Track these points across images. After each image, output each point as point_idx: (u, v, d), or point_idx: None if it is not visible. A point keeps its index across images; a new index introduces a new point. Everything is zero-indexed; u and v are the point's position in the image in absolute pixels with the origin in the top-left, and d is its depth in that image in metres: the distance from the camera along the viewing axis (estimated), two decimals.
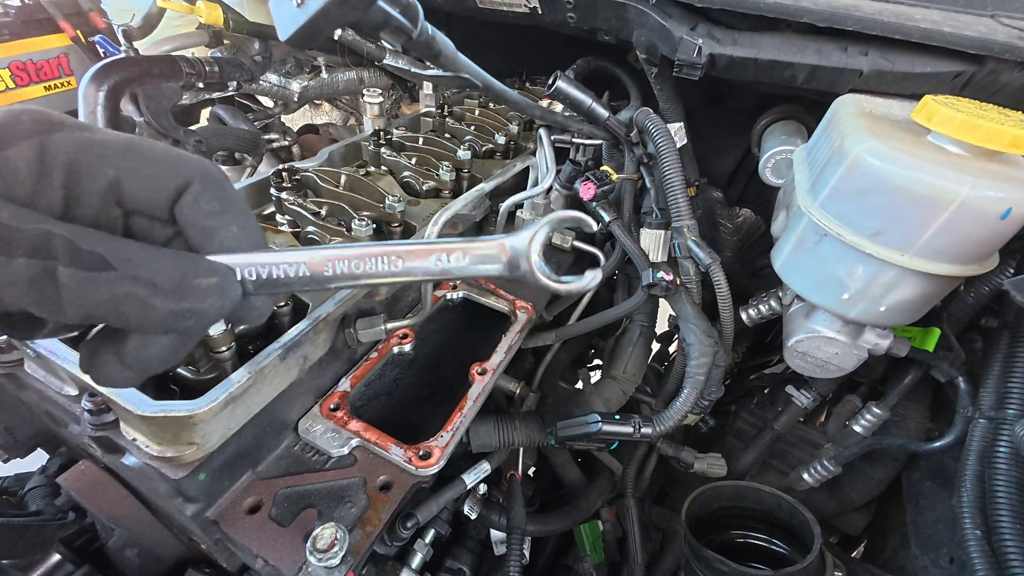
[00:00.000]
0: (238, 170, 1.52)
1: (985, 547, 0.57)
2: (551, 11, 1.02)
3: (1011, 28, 0.69)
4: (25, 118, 0.26)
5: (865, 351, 0.72)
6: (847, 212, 0.61)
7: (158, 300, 0.26)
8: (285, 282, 0.32)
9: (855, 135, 0.61)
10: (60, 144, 0.26)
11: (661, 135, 0.80)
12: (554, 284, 0.34)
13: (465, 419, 0.74)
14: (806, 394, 0.99)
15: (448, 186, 0.99)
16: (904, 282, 0.60)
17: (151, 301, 0.25)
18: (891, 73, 0.71)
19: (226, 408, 0.53)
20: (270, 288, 0.32)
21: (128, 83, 1.04)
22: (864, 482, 0.94)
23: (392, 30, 0.37)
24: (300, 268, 0.32)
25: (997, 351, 0.67)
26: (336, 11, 0.32)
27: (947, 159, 0.55)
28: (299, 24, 0.32)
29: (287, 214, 0.81)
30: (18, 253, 0.24)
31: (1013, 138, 0.51)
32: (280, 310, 0.66)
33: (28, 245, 0.24)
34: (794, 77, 0.78)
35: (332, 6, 0.31)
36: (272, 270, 0.31)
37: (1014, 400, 0.63)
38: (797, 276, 0.71)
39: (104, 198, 0.27)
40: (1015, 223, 0.53)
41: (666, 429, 0.76)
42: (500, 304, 0.95)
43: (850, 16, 0.69)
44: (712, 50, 0.78)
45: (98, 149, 0.27)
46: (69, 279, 0.24)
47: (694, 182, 1.19)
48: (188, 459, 0.52)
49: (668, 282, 0.76)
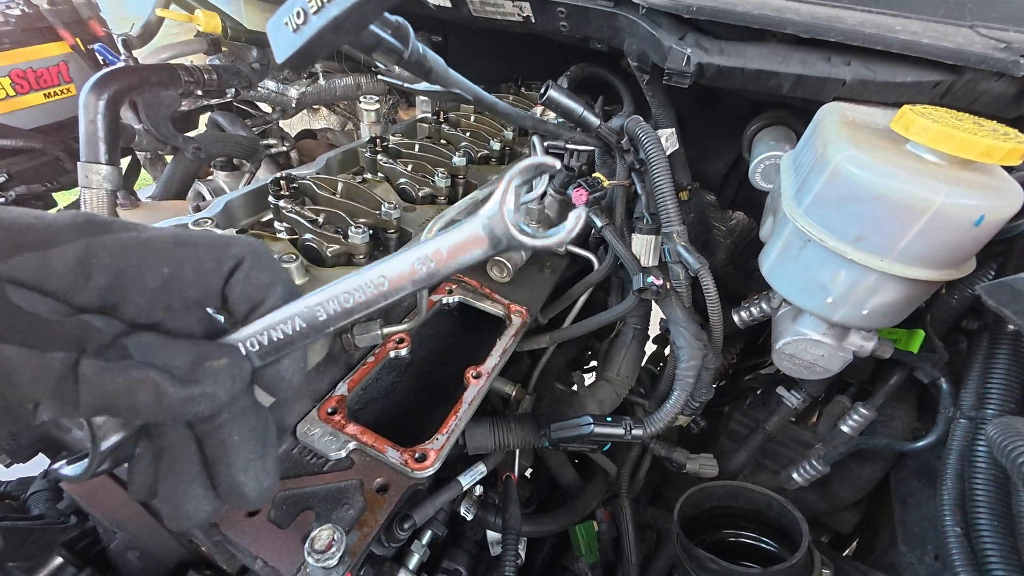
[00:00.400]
0: (237, 176, 1.54)
1: (965, 544, 0.58)
2: (544, 20, 1.04)
3: (988, 39, 0.71)
4: (76, 220, 0.27)
5: (850, 353, 0.74)
6: (829, 218, 0.63)
7: (171, 386, 0.26)
8: (288, 340, 0.32)
9: (836, 144, 0.63)
10: (106, 245, 0.27)
11: (651, 142, 0.82)
12: (540, 241, 0.33)
13: (460, 422, 0.75)
14: (796, 395, 1.00)
15: (444, 192, 1.01)
16: (884, 286, 0.62)
17: (164, 387, 0.26)
18: (873, 82, 0.73)
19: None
20: (275, 352, 0.32)
21: (128, 92, 1.06)
22: (853, 481, 0.96)
23: (384, 51, 0.38)
24: (295, 322, 0.32)
25: (977, 352, 0.69)
26: (330, 36, 0.33)
27: (924, 168, 0.57)
28: (295, 48, 0.34)
29: (285, 221, 0.82)
30: (54, 347, 0.24)
31: (985, 148, 0.52)
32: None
33: (64, 339, 0.25)
34: (780, 86, 0.79)
35: (326, 32, 0.33)
36: (270, 334, 0.31)
37: (993, 400, 0.64)
38: (783, 280, 0.73)
39: (155, 295, 0.28)
40: (989, 229, 0.55)
41: (657, 431, 0.78)
42: (495, 308, 0.96)
43: (832, 27, 0.71)
44: (700, 59, 0.80)
45: (146, 249, 0.28)
46: (90, 370, 0.25)
47: (687, 186, 1.21)
48: None
49: (658, 286, 0.78)
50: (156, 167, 1.67)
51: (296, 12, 0.33)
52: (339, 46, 0.35)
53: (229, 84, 1.32)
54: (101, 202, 1.06)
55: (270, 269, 0.31)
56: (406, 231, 0.89)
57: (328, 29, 0.33)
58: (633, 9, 0.86)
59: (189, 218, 0.78)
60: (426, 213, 0.96)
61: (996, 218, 0.54)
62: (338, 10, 0.32)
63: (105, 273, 0.26)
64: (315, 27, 0.33)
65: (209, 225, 0.76)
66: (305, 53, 0.34)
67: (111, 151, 1.05)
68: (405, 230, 0.89)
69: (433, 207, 0.99)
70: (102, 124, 1.03)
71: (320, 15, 0.33)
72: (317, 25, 0.33)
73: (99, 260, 0.26)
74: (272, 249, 0.75)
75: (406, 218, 0.92)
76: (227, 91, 1.35)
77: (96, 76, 1.03)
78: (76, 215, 0.27)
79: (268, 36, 0.36)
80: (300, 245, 0.80)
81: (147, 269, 0.27)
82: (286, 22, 0.34)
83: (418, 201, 1.00)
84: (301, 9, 0.33)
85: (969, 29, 0.76)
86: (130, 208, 1.08)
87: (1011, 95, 0.72)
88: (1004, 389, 0.64)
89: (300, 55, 0.34)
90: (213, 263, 0.29)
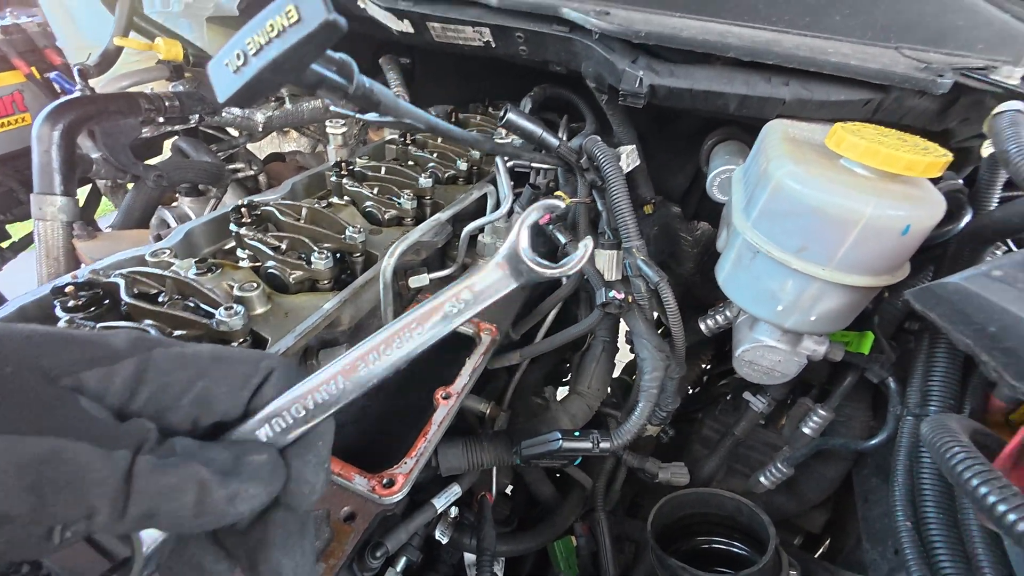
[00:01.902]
0: (202, 201, 1.51)
1: (915, 537, 0.61)
2: (504, 45, 1.07)
3: (911, 59, 0.77)
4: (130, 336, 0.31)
5: (804, 357, 0.77)
6: (774, 231, 0.66)
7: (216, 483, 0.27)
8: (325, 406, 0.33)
9: (777, 160, 0.66)
10: (155, 361, 0.30)
11: (607, 161, 0.84)
12: (557, 271, 0.37)
13: (430, 444, 0.75)
14: (761, 399, 1.03)
15: (410, 214, 1.01)
16: (828, 294, 0.65)
17: (210, 485, 0.27)
18: (810, 101, 0.78)
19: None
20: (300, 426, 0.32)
21: (84, 122, 1.04)
22: (819, 481, 0.99)
23: (328, 88, 0.39)
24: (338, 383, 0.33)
25: (919, 352, 0.73)
26: (270, 76, 0.34)
27: (856, 181, 0.61)
28: (235, 89, 0.35)
29: (247, 249, 0.82)
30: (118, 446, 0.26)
31: (907, 162, 0.56)
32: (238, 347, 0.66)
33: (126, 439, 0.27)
34: (727, 105, 0.84)
35: (265, 73, 0.34)
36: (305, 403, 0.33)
37: (935, 398, 0.68)
38: (737, 290, 0.76)
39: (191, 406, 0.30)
40: (916, 237, 0.59)
41: (624, 442, 0.79)
42: (465, 327, 0.97)
43: (770, 51, 0.75)
44: (652, 81, 0.83)
45: (187, 363, 0.31)
46: (144, 466, 0.26)
47: (650, 200, 1.25)
48: None
49: (620, 300, 0.80)
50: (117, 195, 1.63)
51: (236, 54, 0.34)
52: (281, 86, 0.36)
53: (192, 110, 1.31)
54: (56, 234, 1.03)
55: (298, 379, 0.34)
56: (372, 254, 0.89)
57: (267, 70, 0.34)
58: (587, 34, 0.90)
59: (148, 248, 0.76)
60: (393, 235, 0.96)
61: (921, 227, 0.58)
62: (276, 52, 0.33)
63: (153, 385, 0.30)
64: (255, 68, 0.34)
65: (168, 256, 0.75)
66: (246, 93, 0.35)
67: (66, 182, 1.03)
68: (371, 253, 0.89)
69: (400, 229, 1.00)
70: (57, 155, 1.01)
71: (259, 57, 0.34)
72: (256, 67, 0.34)
73: (149, 375, 0.30)
74: (233, 278, 0.74)
75: (372, 241, 0.92)
76: (190, 117, 1.34)
77: (50, 107, 1.01)
78: (130, 334, 0.31)
79: (209, 76, 0.36)
80: (263, 273, 0.79)
81: (188, 382, 0.30)
82: (227, 63, 0.35)
83: (384, 224, 1.00)
84: (241, 51, 0.34)
85: (894, 51, 0.82)
86: (87, 239, 1.05)
87: (935, 110, 0.78)
88: (944, 386, 0.68)
89: (240, 95, 0.35)
90: (243, 378, 0.32)
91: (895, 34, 0.84)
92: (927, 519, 0.60)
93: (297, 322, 0.71)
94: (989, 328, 0.44)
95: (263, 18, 0.34)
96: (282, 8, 0.33)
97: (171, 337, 0.60)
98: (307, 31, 0.32)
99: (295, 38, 0.32)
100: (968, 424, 0.49)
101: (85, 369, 0.28)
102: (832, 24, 0.85)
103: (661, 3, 0.95)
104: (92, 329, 0.57)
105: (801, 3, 0.84)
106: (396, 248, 0.75)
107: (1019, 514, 0.37)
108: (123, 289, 0.63)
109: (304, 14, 0.32)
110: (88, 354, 0.29)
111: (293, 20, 0.32)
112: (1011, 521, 0.37)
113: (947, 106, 0.76)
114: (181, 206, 1.53)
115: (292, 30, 0.32)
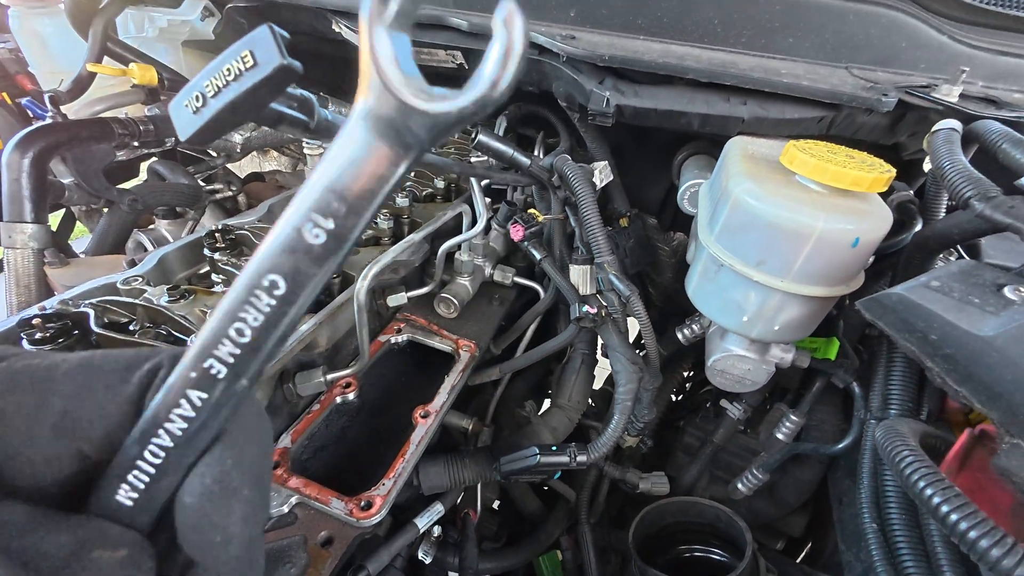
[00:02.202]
0: (179, 224, 1.50)
1: (881, 538, 0.63)
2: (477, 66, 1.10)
3: (859, 79, 0.81)
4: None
5: (773, 365, 0.79)
6: (736, 244, 0.69)
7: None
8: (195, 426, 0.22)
9: (736, 177, 0.69)
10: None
11: (577, 180, 0.87)
12: (456, 102, 0.20)
13: (408, 464, 0.75)
14: (738, 406, 1.06)
15: (387, 233, 1.02)
16: (789, 304, 0.67)
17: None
18: (767, 119, 0.81)
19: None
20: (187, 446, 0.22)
21: (55, 148, 1.03)
22: (796, 485, 1.01)
23: (289, 124, 0.41)
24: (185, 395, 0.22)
25: (880, 357, 0.76)
26: (228, 117, 0.36)
27: (808, 197, 0.64)
28: (195, 128, 0.36)
29: (222, 274, 0.82)
30: None
31: (854, 178, 0.60)
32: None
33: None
34: (690, 123, 0.87)
35: (224, 114, 0.35)
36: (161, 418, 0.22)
37: (894, 401, 0.71)
38: (705, 302, 0.78)
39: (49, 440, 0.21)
40: (866, 249, 0.62)
41: (601, 455, 0.80)
42: (444, 344, 0.98)
43: (727, 72, 0.79)
44: (618, 101, 0.86)
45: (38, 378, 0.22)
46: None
47: (626, 213, 1.28)
48: None
49: (593, 314, 0.81)
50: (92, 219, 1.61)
51: (195, 95, 0.35)
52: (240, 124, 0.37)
53: (168, 133, 1.31)
54: (27, 262, 1.02)
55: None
56: (349, 274, 0.89)
57: (225, 111, 0.35)
58: (555, 57, 0.93)
59: (119, 276, 0.76)
60: (370, 255, 0.97)
61: (870, 239, 0.61)
62: (234, 95, 0.34)
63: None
64: (213, 109, 0.35)
65: (140, 283, 0.74)
66: (206, 132, 0.36)
67: (37, 209, 1.02)
68: (348, 273, 0.90)
69: (377, 248, 1.01)
70: (27, 182, 1.00)
71: (217, 99, 0.35)
72: (215, 108, 0.35)
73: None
74: (207, 304, 0.74)
75: (350, 261, 0.93)
76: (166, 140, 1.34)
77: (20, 134, 1.01)
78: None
79: (171, 115, 0.37)
80: None
81: (36, 405, 0.21)
82: (186, 104, 0.36)
83: (361, 243, 1.01)
84: (200, 93, 0.35)
85: (844, 70, 0.86)
86: (59, 266, 1.04)
87: (885, 125, 0.82)
88: (902, 390, 0.70)
89: (200, 134, 0.36)
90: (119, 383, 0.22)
91: (844, 55, 0.89)
92: (891, 520, 0.62)
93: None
94: (930, 336, 0.46)
95: (220, 62, 0.35)
96: (238, 52, 0.34)
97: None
98: (263, 75, 0.33)
99: (251, 81, 0.34)
100: (919, 428, 0.51)
101: None
102: (785, 46, 0.89)
103: (624, 26, 0.99)
104: None
105: (756, 26, 0.88)
106: (369, 270, 0.75)
107: (960, 514, 0.39)
108: (92, 319, 0.63)
109: (260, 59, 0.33)
110: None
111: (249, 65, 0.33)
112: (953, 521, 0.39)
113: (895, 121, 0.81)
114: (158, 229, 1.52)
115: (248, 74, 0.34)
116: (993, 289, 0.47)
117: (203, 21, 1.31)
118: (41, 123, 1.05)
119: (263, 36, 0.34)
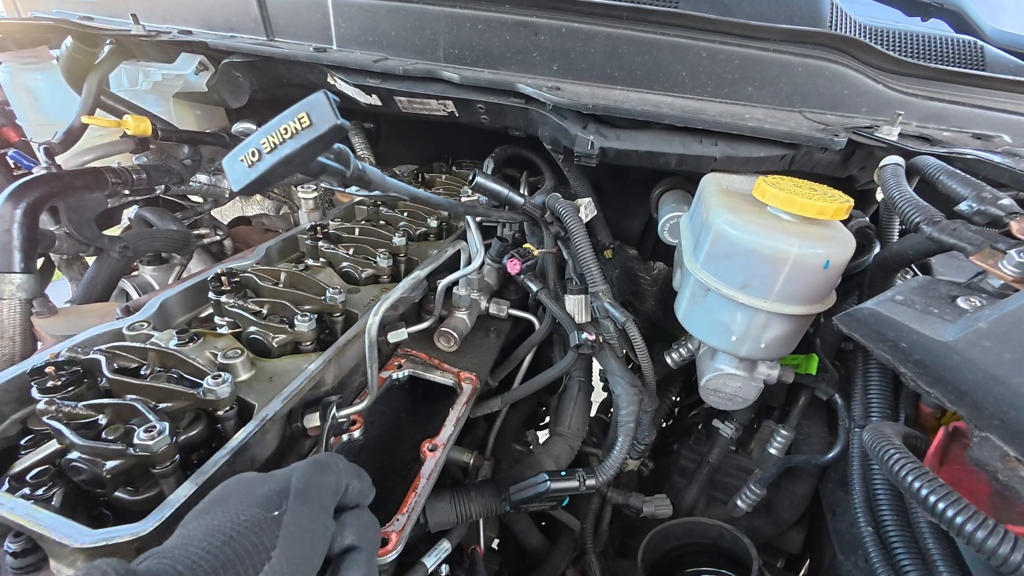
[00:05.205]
0: (166, 269, 1.49)
1: (877, 541, 0.67)
2: (467, 114, 1.18)
3: (812, 121, 0.92)
4: (106, 568, 0.30)
5: (761, 381, 0.85)
6: (720, 270, 0.75)
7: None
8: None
9: (715, 210, 0.76)
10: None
11: (569, 216, 0.93)
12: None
13: (420, 498, 0.75)
14: (729, 425, 1.10)
15: (386, 271, 1.05)
16: (773, 322, 0.73)
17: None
18: (737, 158, 0.90)
19: (173, 527, 0.52)
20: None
21: (48, 199, 1.04)
22: (791, 500, 1.04)
23: (329, 174, 0.45)
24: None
25: (857, 370, 0.82)
26: (281, 169, 0.40)
27: (782, 226, 0.71)
28: (249, 180, 0.40)
29: (227, 316, 0.83)
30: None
31: (819, 208, 0.67)
32: (225, 414, 0.66)
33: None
34: (668, 163, 0.95)
35: (278, 167, 0.39)
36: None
37: (875, 409, 0.76)
38: (695, 324, 0.84)
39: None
40: (836, 270, 0.69)
41: (608, 477, 0.82)
42: (445, 378, 0.99)
43: (697, 118, 0.88)
44: (602, 144, 0.94)
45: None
46: None
47: (609, 245, 1.35)
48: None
49: (592, 341, 0.86)
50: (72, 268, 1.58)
51: (251, 151, 0.39)
52: (288, 175, 0.41)
53: (159, 182, 1.32)
54: (14, 312, 1.00)
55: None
56: (352, 313, 0.91)
57: (280, 164, 0.39)
58: (541, 106, 1.01)
59: (124, 322, 0.76)
60: (371, 293, 1.00)
61: (838, 261, 0.68)
62: (289, 151, 0.38)
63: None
64: (268, 163, 0.39)
65: (146, 328, 0.75)
66: (258, 184, 0.40)
67: (27, 259, 1.01)
68: (351, 312, 0.92)
69: (377, 286, 1.03)
70: (18, 232, 1.00)
71: (273, 154, 0.39)
72: (270, 162, 0.39)
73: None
74: (215, 346, 0.74)
75: (351, 300, 0.95)
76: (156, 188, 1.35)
77: (13, 185, 1.01)
78: (109, 562, 0.30)
79: (224, 169, 0.41)
80: (244, 339, 0.80)
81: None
82: (241, 159, 0.40)
83: (362, 282, 1.03)
84: (256, 149, 0.39)
85: (799, 114, 0.97)
86: (47, 316, 1.02)
87: (838, 161, 0.92)
88: (881, 398, 0.76)
89: (253, 186, 0.40)
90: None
91: (797, 100, 1.01)
92: (885, 524, 0.66)
93: (283, 386, 0.72)
94: (901, 344, 0.52)
95: (276, 123, 0.39)
96: (295, 114, 0.38)
97: (157, 410, 0.60)
98: (317, 133, 0.38)
99: (307, 139, 0.38)
100: (901, 429, 0.56)
101: None
102: (746, 93, 1.01)
103: (603, 78, 1.09)
104: (74, 408, 0.56)
105: (718, 78, 1.00)
106: (380, 307, 0.78)
107: (946, 502, 0.43)
108: (104, 365, 0.63)
109: (315, 119, 0.38)
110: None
111: (305, 124, 0.38)
112: (941, 509, 0.43)
113: (847, 157, 0.91)
114: (142, 275, 1.50)
115: (304, 133, 0.38)
116: (948, 300, 0.53)
117: (197, 75, 1.35)
118: (36, 173, 1.05)
119: (319, 100, 0.39)
